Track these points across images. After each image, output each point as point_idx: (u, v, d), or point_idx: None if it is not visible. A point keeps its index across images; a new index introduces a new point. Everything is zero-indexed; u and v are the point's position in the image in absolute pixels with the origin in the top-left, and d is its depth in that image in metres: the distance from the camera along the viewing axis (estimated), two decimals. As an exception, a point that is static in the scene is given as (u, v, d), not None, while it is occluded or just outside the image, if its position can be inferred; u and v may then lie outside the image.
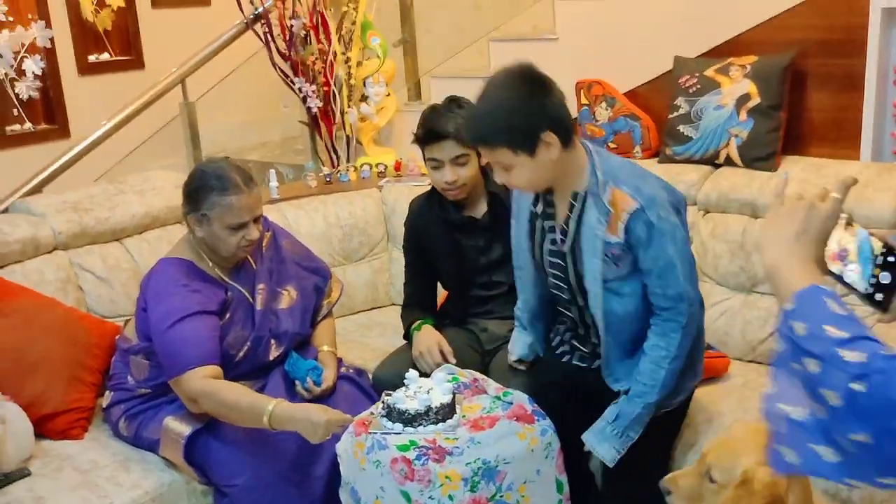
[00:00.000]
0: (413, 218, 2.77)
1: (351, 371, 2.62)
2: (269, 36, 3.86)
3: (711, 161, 2.97)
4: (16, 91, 4.23)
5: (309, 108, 3.96)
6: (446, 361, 2.51)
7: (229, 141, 4.82)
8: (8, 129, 4.23)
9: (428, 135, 2.56)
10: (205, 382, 2.22)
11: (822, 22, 2.82)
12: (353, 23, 3.87)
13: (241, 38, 4.00)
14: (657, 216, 1.96)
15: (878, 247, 1.17)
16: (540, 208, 2.15)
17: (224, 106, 4.58)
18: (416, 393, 2.17)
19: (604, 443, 2.15)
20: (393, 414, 2.14)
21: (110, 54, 4.64)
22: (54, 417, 2.43)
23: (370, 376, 2.66)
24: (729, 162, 2.92)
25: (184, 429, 2.28)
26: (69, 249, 2.81)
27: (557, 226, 2.11)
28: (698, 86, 2.98)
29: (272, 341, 2.47)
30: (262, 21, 3.85)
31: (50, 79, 4.32)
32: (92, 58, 4.53)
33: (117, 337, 2.57)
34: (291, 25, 3.77)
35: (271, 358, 2.47)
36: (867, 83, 2.76)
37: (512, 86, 1.97)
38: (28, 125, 4.31)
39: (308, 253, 2.73)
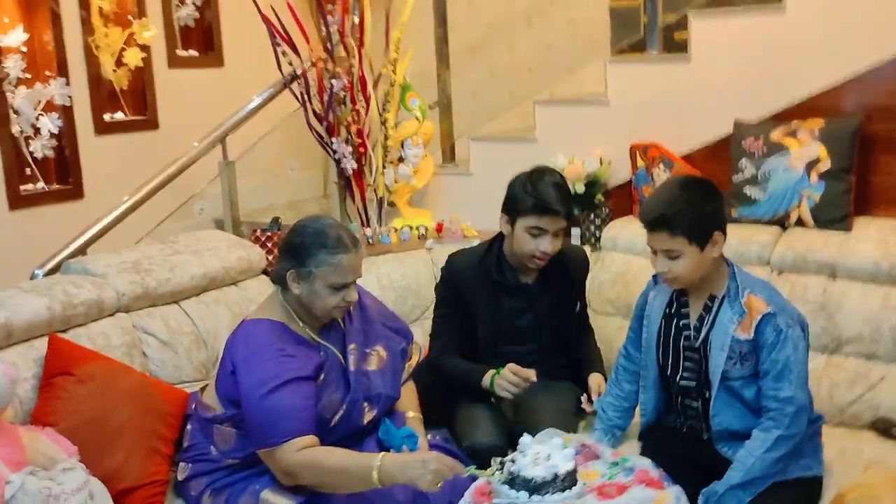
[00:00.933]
0: (456, 272, 2.77)
1: (437, 438, 2.51)
2: (305, 96, 3.81)
3: (780, 222, 2.99)
4: (30, 149, 4.07)
5: (343, 170, 3.89)
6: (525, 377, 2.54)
7: (252, 202, 4.71)
8: (22, 188, 4.05)
9: (542, 206, 2.57)
10: (303, 454, 2.10)
11: (887, 88, 2.88)
12: (392, 84, 3.84)
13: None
14: (786, 323, 2.18)
15: None
16: (674, 309, 2.36)
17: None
18: (536, 460, 2.09)
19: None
20: (517, 482, 2.05)
21: (125, 114, 4.52)
22: (132, 492, 2.25)
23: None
24: (800, 223, 2.94)
25: (288, 501, 2.14)
26: (131, 312, 2.67)
27: (691, 324, 2.31)
28: (764, 148, 3.01)
29: (365, 404, 2.36)
30: (300, 81, 3.80)
31: (66, 137, 4.17)
32: (107, 117, 4.40)
33: (194, 404, 2.42)
34: (332, 85, 3.72)
35: (365, 422, 2.35)
36: (937, 147, 2.82)
37: (696, 186, 2.27)
38: (41, 184, 4.14)
39: (391, 313, 2.65)
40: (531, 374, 2.56)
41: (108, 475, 2.20)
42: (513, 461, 2.10)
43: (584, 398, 2.64)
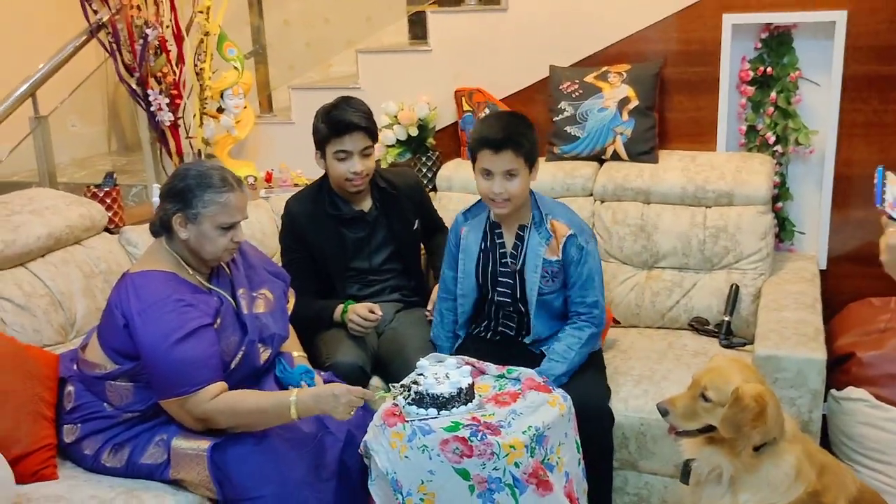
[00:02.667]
0: (294, 217, 2.91)
1: (325, 374, 2.62)
2: (114, 46, 3.62)
3: (598, 157, 3.36)
4: None
5: (158, 123, 3.76)
6: (373, 317, 2.74)
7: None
8: None
9: (338, 127, 2.75)
10: (218, 401, 2.15)
11: (682, 35, 3.31)
12: (207, 33, 3.76)
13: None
14: (585, 241, 2.52)
15: None
16: (489, 241, 2.60)
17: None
18: (437, 379, 2.27)
19: None
20: (426, 400, 2.23)
21: None
22: (25, 458, 2.16)
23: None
24: (615, 157, 3.31)
25: (202, 443, 2.16)
26: (-22, 278, 2.49)
27: (507, 252, 2.57)
28: (580, 90, 3.34)
29: (260, 345, 2.41)
30: (108, 30, 3.60)
31: None
32: None
33: (74, 365, 2.34)
34: (146, 35, 3.57)
35: (261, 362, 2.41)
36: (721, 87, 3.29)
37: (523, 117, 2.55)
38: None
39: (268, 258, 2.69)
40: (375, 313, 2.74)
41: (-1, 443, 2.10)
42: (415, 383, 2.28)
43: (427, 311, 2.87)
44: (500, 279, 2.60)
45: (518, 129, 2.45)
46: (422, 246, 3.08)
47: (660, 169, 3.21)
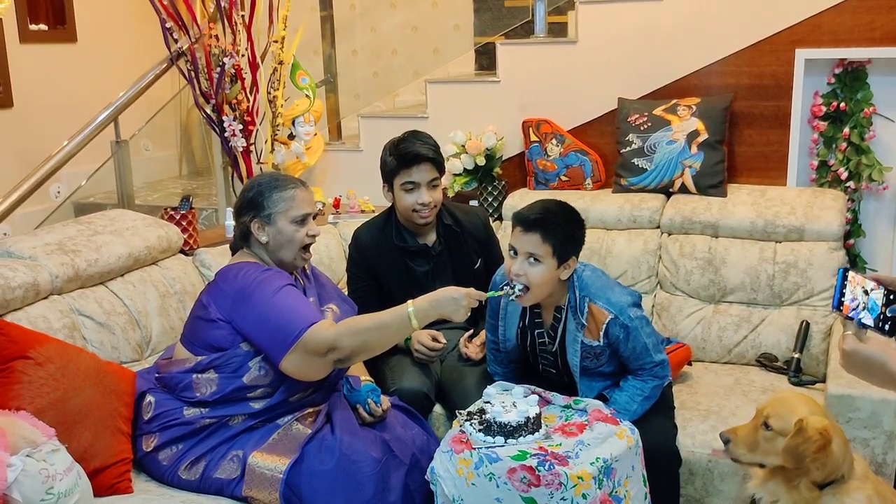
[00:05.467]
0: (363, 247, 2.95)
1: (392, 398, 2.65)
2: (192, 74, 3.74)
3: (665, 190, 3.35)
4: None
5: (231, 148, 3.87)
6: (438, 346, 2.77)
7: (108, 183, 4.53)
8: None
9: (406, 158, 2.79)
10: (337, 327, 2.25)
11: (753, 69, 3.30)
12: (281, 62, 3.86)
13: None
14: (628, 318, 2.39)
15: (879, 296, 1.55)
16: (528, 320, 2.53)
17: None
18: (505, 407, 2.28)
19: None
20: (493, 428, 2.24)
21: (-24, 91, 4.22)
22: (102, 472, 2.22)
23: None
24: (683, 190, 3.31)
25: (279, 462, 2.21)
26: (64, 294, 2.58)
27: (545, 331, 2.51)
28: (649, 123, 3.35)
29: None
30: (187, 58, 3.73)
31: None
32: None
33: (154, 376, 2.43)
34: (223, 63, 3.69)
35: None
36: (792, 122, 3.27)
37: (572, 210, 2.42)
38: None
39: (335, 285, 2.76)
40: (439, 341, 2.77)
41: (79, 456, 2.15)
42: (482, 411, 2.29)
43: (462, 341, 2.87)
44: (541, 353, 2.57)
45: (556, 217, 2.36)
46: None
47: (728, 203, 3.19)
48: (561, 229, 2.34)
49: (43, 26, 4.59)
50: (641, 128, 3.36)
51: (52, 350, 2.29)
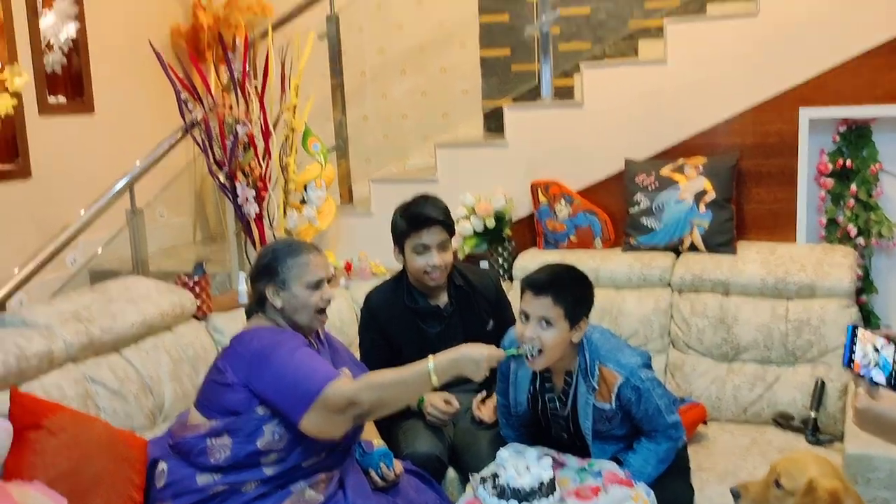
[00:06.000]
0: (374, 307, 2.97)
1: (406, 463, 2.63)
2: (207, 142, 3.82)
3: (675, 248, 3.36)
4: None
5: (244, 214, 3.92)
6: (451, 409, 2.77)
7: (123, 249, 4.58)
8: None
9: (416, 221, 2.82)
10: (357, 382, 2.25)
11: (758, 129, 3.34)
12: (293, 130, 3.94)
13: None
14: (639, 379, 2.38)
15: (890, 353, 1.57)
16: (538, 385, 2.52)
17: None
18: (518, 471, 2.27)
19: None
20: (507, 493, 2.22)
21: (-6, 163, 4.31)
22: (115, 544, 2.21)
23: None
24: (693, 248, 3.32)
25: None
26: (78, 362, 2.60)
27: (556, 396, 2.50)
28: (656, 183, 3.38)
29: None
30: (201, 127, 3.80)
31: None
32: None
33: (167, 442, 2.42)
34: (236, 132, 3.76)
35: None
36: (799, 180, 3.29)
37: (580, 273, 2.44)
38: None
39: (348, 349, 2.76)
40: (451, 403, 2.78)
41: (91, 528, 2.16)
42: (496, 475, 2.28)
43: (475, 403, 2.86)
44: (552, 417, 2.55)
45: (564, 280, 2.38)
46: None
47: (738, 261, 3.20)
48: (571, 292, 2.35)
49: (61, 98, 4.70)
50: (649, 188, 3.39)
51: (65, 419, 2.30)
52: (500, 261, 3.68)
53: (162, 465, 2.39)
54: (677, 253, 3.37)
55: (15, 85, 4.25)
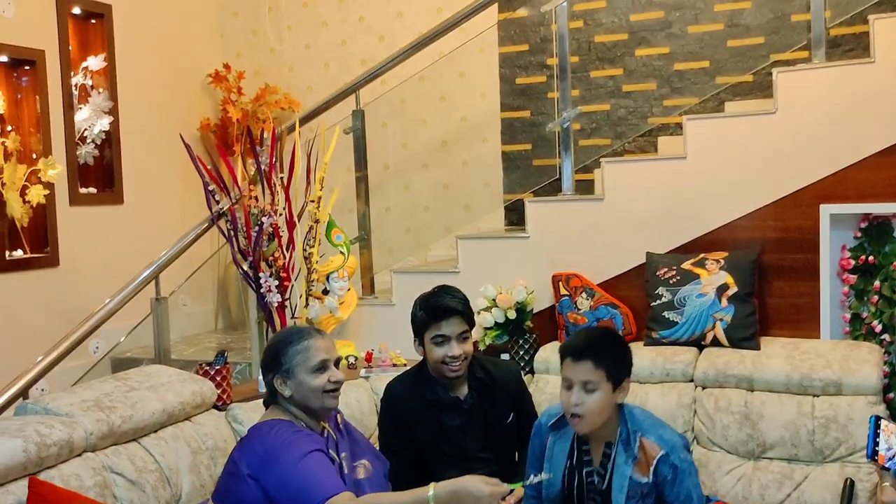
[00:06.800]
0: (394, 400, 2.96)
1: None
2: (232, 232, 3.88)
3: (697, 343, 3.34)
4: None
5: (266, 304, 3.95)
6: None
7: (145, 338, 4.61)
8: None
9: (436, 312, 2.83)
10: (356, 502, 2.22)
11: (779, 223, 3.36)
12: (317, 221, 4.00)
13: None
14: (679, 458, 2.38)
15: None
16: (575, 460, 2.50)
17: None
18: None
19: None
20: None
21: (24, 251, 4.39)
22: None
23: None
24: (716, 342, 3.30)
25: None
26: (97, 451, 2.59)
27: (594, 470, 2.47)
28: (678, 276, 3.39)
29: None
30: (227, 218, 3.87)
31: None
32: (7, 255, 4.27)
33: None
34: (261, 223, 3.82)
35: None
36: (822, 275, 3.28)
37: (616, 334, 2.57)
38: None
39: (368, 441, 2.74)
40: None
41: None
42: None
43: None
44: (588, 493, 2.50)
45: (603, 342, 2.42)
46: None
47: (762, 356, 3.17)
48: (610, 353, 2.39)
49: (92, 189, 4.82)
50: (671, 281, 3.39)
51: (84, 511, 2.28)
52: (521, 353, 3.66)
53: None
54: (700, 348, 3.35)
55: (48, 176, 4.39)
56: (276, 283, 3.89)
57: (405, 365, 3.60)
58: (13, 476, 2.30)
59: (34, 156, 4.42)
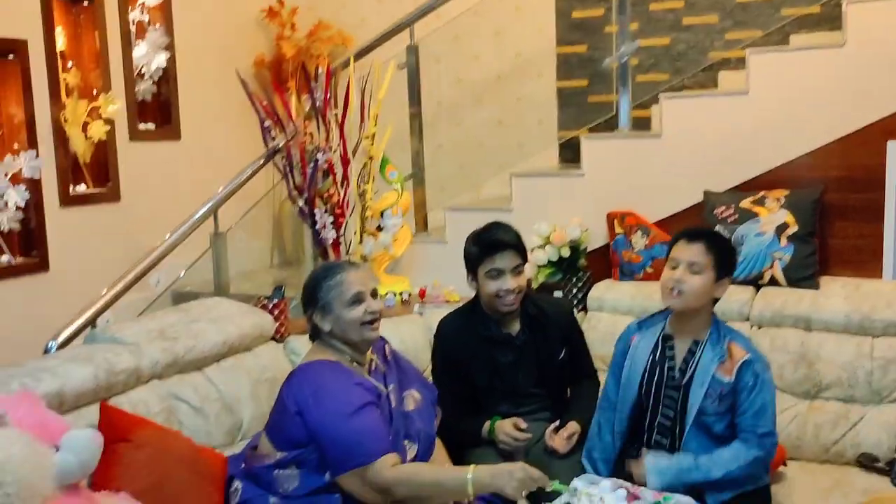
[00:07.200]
0: (447, 337, 2.99)
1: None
2: (288, 169, 3.92)
3: (755, 282, 3.30)
4: (-5, 222, 3.98)
5: (321, 240, 4.00)
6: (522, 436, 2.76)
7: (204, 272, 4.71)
8: (-11, 261, 3.95)
9: (489, 246, 2.83)
10: (398, 470, 2.26)
11: (844, 162, 3.27)
12: (371, 157, 4.01)
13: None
14: (762, 369, 2.48)
15: None
16: (659, 353, 2.59)
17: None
18: (592, 502, 2.24)
19: (657, 475, 2.47)
20: (582, 526, 2.20)
21: (87, 186, 4.49)
22: (194, 562, 2.26)
23: None
24: (773, 282, 3.26)
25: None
26: (163, 379, 2.69)
27: (676, 366, 2.55)
28: (736, 215, 3.33)
29: (406, 441, 2.48)
30: (283, 154, 3.91)
31: (32, 210, 4.10)
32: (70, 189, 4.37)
33: (242, 463, 2.47)
34: (316, 159, 3.85)
35: (407, 459, 2.45)
36: (886, 215, 3.21)
37: (725, 237, 2.69)
38: (6, 257, 4.05)
39: (418, 371, 2.79)
40: (521, 428, 2.77)
41: (173, 545, 2.21)
42: (570, 504, 2.26)
43: (547, 433, 2.80)
44: (663, 392, 2.56)
45: (718, 235, 2.62)
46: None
47: (821, 296, 3.13)
48: (723, 245, 2.53)
49: (150, 125, 4.88)
50: (728, 220, 3.34)
51: (150, 434, 2.37)
52: (575, 291, 3.66)
53: (236, 484, 2.44)
54: (757, 287, 3.31)
55: (108, 112, 4.45)
56: (331, 219, 3.93)
57: (459, 302, 3.63)
58: (84, 401, 2.40)
59: (94, 92, 4.47)
